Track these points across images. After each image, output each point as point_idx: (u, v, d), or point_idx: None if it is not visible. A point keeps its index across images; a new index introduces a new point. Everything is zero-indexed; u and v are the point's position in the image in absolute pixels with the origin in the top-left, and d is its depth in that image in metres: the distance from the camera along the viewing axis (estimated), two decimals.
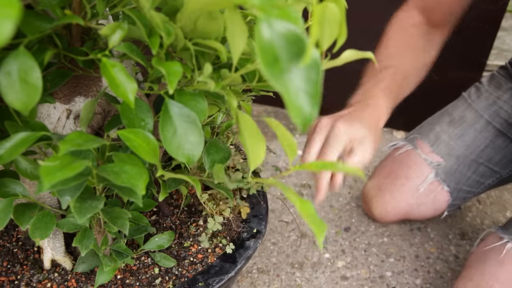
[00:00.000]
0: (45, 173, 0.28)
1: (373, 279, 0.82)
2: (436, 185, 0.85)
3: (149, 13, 0.30)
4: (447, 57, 1.10)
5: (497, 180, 0.87)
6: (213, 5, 0.28)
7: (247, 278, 0.81)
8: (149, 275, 0.55)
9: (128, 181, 0.32)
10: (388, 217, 0.89)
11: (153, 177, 0.52)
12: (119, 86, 0.32)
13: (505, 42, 1.52)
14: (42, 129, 0.39)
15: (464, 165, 0.85)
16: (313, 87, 0.21)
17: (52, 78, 0.40)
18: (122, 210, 0.46)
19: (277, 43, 0.21)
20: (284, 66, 0.21)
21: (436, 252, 0.88)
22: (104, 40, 0.39)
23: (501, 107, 0.84)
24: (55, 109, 0.44)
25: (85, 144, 0.32)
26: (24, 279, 0.54)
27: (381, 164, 0.93)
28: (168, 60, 0.33)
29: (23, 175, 0.40)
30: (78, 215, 0.36)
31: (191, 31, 0.33)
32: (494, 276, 0.65)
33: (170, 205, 0.64)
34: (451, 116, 0.88)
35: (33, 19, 0.31)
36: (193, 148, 0.34)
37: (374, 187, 0.91)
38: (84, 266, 0.54)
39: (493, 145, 0.84)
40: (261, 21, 0.21)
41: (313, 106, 0.21)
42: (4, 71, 0.28)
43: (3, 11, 0.20)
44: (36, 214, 0.44)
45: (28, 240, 0.58)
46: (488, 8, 1.00)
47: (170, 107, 0.34)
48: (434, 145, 0.86)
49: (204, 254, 0.58)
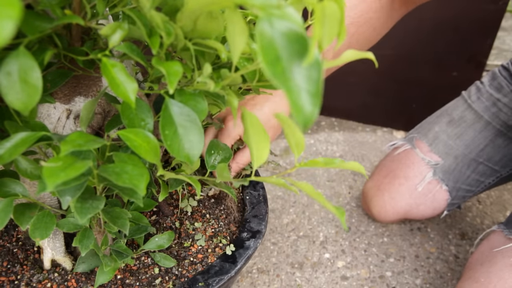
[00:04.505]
0: (48, 174, 0.28)
1: (373, 279, 0.82)
2: (435, 184, 0.85)
3: (149, 13, 0.30)
4: (447, 57, 1.10)
5: (497, 179, 0.87)
6: (213, 5, 0.28)
7: (247, 278, 0.81)
8: (149, 275, 0.55)
9: (129, 181, 0.32)
10: (387, 216, 0.89)
11: (153, 177, 0.52)
12: (119, 86, 0.32)
13: (505, 42, 1.52)
14: (42, 129, 0.39)
15: (463, 164, 0.85)
16: (315, 86, 0.21)
17: (52, 78, 0.40)
18: (122, 210, 0.46)
19: (278, 42, 0.21)
20: (286, 65, 0.21)
21: (436, 252, 0.88)
22: (104, 40, 0.39)
23: (501, 109, 0.84)
24: (55, 109, 0.44)
25: (86, 144, 0.32)
26: (24, 279, 0.54)
27: (380, 163, 0.94)
28: (168, 60, 0.33)
29: (23, 175, 0.40)
30: (79, 215, 0.36)
31: (191, 31, 0.33)
32: (502, 279, 0.64)
33: (170, 205, 0.64)
34: (451, 116, 0.88)
35: (33, 19, 0.31)
36: (194, 147, 0.34)
37: (373, 187, 0.91)
38: (84, 266, 0.54)
39: (493, 144, 0.84)
40: (262, 21, 0.21)
41: (314, 105, 0.21)
42: (4, 71, 0.28)
43: (4, 11, 0.20)
44: (36, 214, 0.44)
45: (28, 240, 0.58)
46: (488, 8, 1.00)
47: (171, 106, 0.34)
48: (433, 145, 0.86)
49: (204, 254, 0.58)
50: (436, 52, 1.10)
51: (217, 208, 0.65)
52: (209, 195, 0.67)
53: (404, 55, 1.13)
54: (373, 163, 1.13)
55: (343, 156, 1.16)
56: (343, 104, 1.27)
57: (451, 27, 1.05)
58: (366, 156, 1.16)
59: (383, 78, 1.18)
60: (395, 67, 1.15)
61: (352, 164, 0.38)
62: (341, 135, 1.24)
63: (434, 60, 1.12)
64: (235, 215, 0.65)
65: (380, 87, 1.21)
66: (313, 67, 0.21)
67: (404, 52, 1.12)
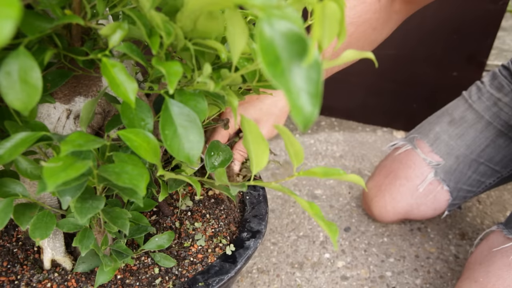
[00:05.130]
0: (49, 174, 0.28)
1: (373, 279, 0.82)
2: (436, 184, 0.85)
3: (149, 13, 0.30)
4: (447, 57, 1.10)
5: (497, 179, 0.87)
6: (213, 5, 0.28)
7: (247, 278, 0.81)
8: (149, 275, 0.55)
9: (129, 181, 0.32)
10: (388, 217, 0.89)
11: (153, 177, 0.52)
12: (119, 86, 0.32)
13: (505, 42, 1.52)
14: (42, 129, 0.39)
15: (464, 165, 0.85)
16: (314, 86, 0.21)
17: (52, 78, 0.40)
18: (122, 210, 0.46)
19: (278, 42, 0.21)
20: (285, 65, 0.21)
21: (436, 252, 0.88)
22: (104, 40, 0.39)
23: (502, 108, 0.84)
24: (55, 109, 0.44)
25: (86, 144, 0.32)
26: (24, 279, 0.54)
27: (381, 164, 0.93)
28: (168, 60, 0.33)
29: (23, 175, 0.40)
30: (79, 215, 0.36)
31: (191, 31, 0.33)
32: (501, 279, 0.64)
33: (170, 205, 0.64)
34: (451, 116, 0.88)
35: (33, 19, 0.31)
36: (193, 147, 0.34)
37: (374, 187, 0.91)
38: (84, 266, 0.54)
39: (494, 144, 0.84)
40: (262, 21, 0.21)
41: (314, 106, 0.21)
42: (4, 71, 0.28)
43: (3, 11, 0.20)
44: (36, 214, 0.44)
45: (28, 240, 0.58)
46: (488, 8, 1.00)
47: (171, 106, 0.34)
48: (434, 145, 0.86)
49: (204, 254, 0.58)
50: (436, 52, 1.10)
51: (217, 208, 0.65)
52: (209, 195, 0.67)
53: (404, 55, 1.13)
54: (373, 163, 1.13)
55: (343, 156, 1.16)
56: (343, 104, 1.27)
57: (451, 27, 1.05)
58: (366, 156, 1.16)
59: (383, 78, 1.18)
60: (395, 67, 1.15)
61: (352, 176, 0.38)
62: (341, 135, 1.24)
63: (434, 60, 1.12)
64: (235, 215, 0.65)
65: (380, 87, 1.20)
66: (312, 68, 0.21)
67: (404, 52, 1.12)
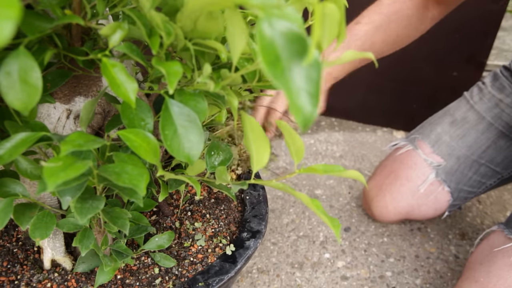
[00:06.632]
0: (49, 174, 0.28)
1: (373, 279, 0.82)
2: (437, 185, 0.85)
3: (149, 13, 0.30)
4: (447, 57, 1.10)
5: (498, 180, 0.87)
6: (213, 5, 0.28)
7: (247, 278, 0.81)
8: (149, 275, 0.55)
9: (129, 181, 0.32)
10: (388, 217, 0.89)
11: (153, 177, 0.52)
12: (119, 86, 0.32)
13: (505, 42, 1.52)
14: (42, 129, 0.39)
15: (465, 166, 0.85)
16: (314, 86, 0.21)
17: (52, 78, 0.40)
18: (122, 210, 0.46)
19: (278, 42, 0.21)
20: (285, 65, 0.21)
21: (436, 252, 0.88)
22: (104, 40, 0.39)
23: (503, 110, 0.84)
24: (55, 109, 0.44)
25: (86, 144, 0.32)
26: (24, 279, 0.54)
27: (382, 164, 0.93)
28: (168, 60, 0.33)
29: (23, 175, 0.40)
30: (79, 215, 0.36)
31: (191, 31, 0.33)
32: (502, 279, 0.64)
33: (170, 205, 0.64)
34: (453, 117, 0.88)
35: (33, 19, 0.31)
36: (194, 147, 0.34)
37: (374, 187, 0.91)
38: (84, 266, 0.54)
39: (495, 146, 0.84)
40: (262, 21, 0.21)
41: (313, 106, 0.21)
42: (4, 71, 0.28)
43: (3, 11, 0.20)
44: (36, 214, 0.44)
45: (28, 240, 0.58)
46: (488, 8, 1.00)
47: (171, 106, 0.34)
48: (435, 146, 0.86)
49: (204, 254, 0.58)
50: (436, 52, 1.10)
51: (217, 208, 0.65)
52: (210, 195, 0.67)
53: (404, 55, 1.13)
54: (373, 163, 1.13)
55: (343, 156, 1.16)
56: (343, 104, 1.27)
57: (451, 27, 1.05)
58: (366, 156, 1.16)
59: (383, 78, 1.18)
60: (395, 67, 1.15)
61: (352, 172, 0.38)
62: (341, 135, 1.24)
63: (434, 60, 1.12)
64: (235, 215, 0.65)
65: (380, 87, 1.20)
66: (312, 67, 0.21)
67: (404, 52, 1.12)
